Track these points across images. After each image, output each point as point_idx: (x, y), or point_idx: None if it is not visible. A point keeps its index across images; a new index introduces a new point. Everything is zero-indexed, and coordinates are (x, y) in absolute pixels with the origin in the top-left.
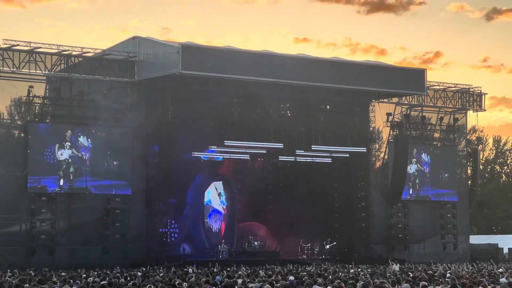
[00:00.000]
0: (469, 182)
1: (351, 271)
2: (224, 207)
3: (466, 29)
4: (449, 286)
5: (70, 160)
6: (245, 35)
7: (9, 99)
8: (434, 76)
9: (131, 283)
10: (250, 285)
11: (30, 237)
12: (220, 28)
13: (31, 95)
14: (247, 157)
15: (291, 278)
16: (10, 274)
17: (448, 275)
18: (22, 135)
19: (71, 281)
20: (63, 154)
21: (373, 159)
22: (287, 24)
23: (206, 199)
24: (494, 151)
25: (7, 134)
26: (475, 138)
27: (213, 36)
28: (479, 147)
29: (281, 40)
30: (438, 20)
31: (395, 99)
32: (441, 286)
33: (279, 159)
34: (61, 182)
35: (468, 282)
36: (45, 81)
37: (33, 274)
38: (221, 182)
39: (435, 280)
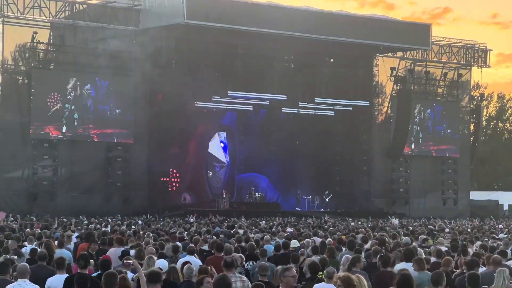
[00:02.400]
0: (471, 138)
1: (351, 224)
2: (227, 157)
3: None
4: (449, 239)
5: (73, 107)
6: None
7: (13, 44)
8: (443, 31)
9: (131, 231)
10: (251, 235)
11: (32, 183)
12: None
13: (35, 41)
14: (250, 108)
15: (290, 229)
16: (12, 219)
17: (447, 230)
18: (26, 81)
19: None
20: (67, 101)
21: (376, 113)
22: None
23: (208, 149)
24: (497, 108)
25: (11, 80)
26: (479, 94)
27: None
28: (483, 103)
29: None
30: None
31: (399, 54)
32: (440, 240)
33: (282, 110)
34: (64, 129)
35: (468, 237)
36: (49, 28)
37: (34, 219)
38: (224, 132)
39: (435, 234)
